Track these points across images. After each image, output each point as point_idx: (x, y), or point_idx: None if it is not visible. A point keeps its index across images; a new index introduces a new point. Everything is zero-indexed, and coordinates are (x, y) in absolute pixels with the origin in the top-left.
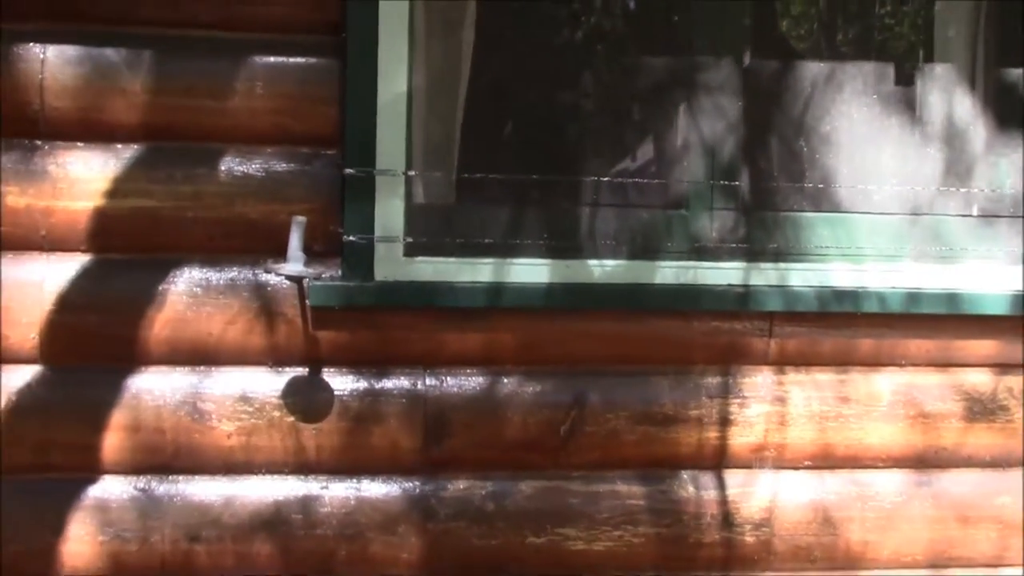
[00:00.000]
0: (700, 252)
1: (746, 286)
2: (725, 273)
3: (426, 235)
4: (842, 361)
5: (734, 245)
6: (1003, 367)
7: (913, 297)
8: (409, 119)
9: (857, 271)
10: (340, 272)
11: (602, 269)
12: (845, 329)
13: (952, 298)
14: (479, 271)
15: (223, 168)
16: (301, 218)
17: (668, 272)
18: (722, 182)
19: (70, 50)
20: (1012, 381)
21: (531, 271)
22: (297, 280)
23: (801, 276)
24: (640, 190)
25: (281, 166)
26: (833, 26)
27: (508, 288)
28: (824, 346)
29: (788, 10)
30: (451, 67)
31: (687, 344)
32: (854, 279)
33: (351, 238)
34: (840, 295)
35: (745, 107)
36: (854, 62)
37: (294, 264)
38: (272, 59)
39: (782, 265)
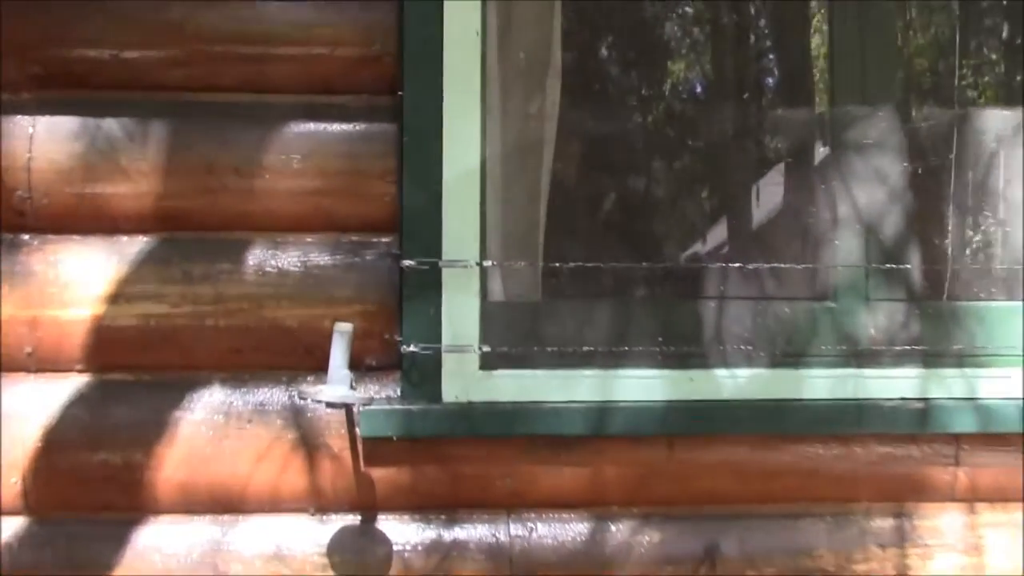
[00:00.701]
0: (861, 357)
1: (924, 400)
2: (895, 384)
3: (508, 343)
4: None
5: (905, 348)
6: None
7: None
8: (483, 197)
9: None
10: (399, 392)
11: (734, 381)
12: None
13: None
14: (576, 387)
15: (251, 263)
16: (346, 325)
17: (820, 384)
18: (883, 265)
19: (64, 122)
20: None
21: (643, 386)
22: (341, 407)
23: (996, 386)
24: (778, 278)
25: (324, 259)
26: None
27: (615, 409)
28: None
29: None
30: (535, 131)
31: (848, 477)
32: None
33: (412, 348)
34: None
35: (909, 169)
36: None
37: (337, 386)
38: (312, 126)
39: (970, 372)
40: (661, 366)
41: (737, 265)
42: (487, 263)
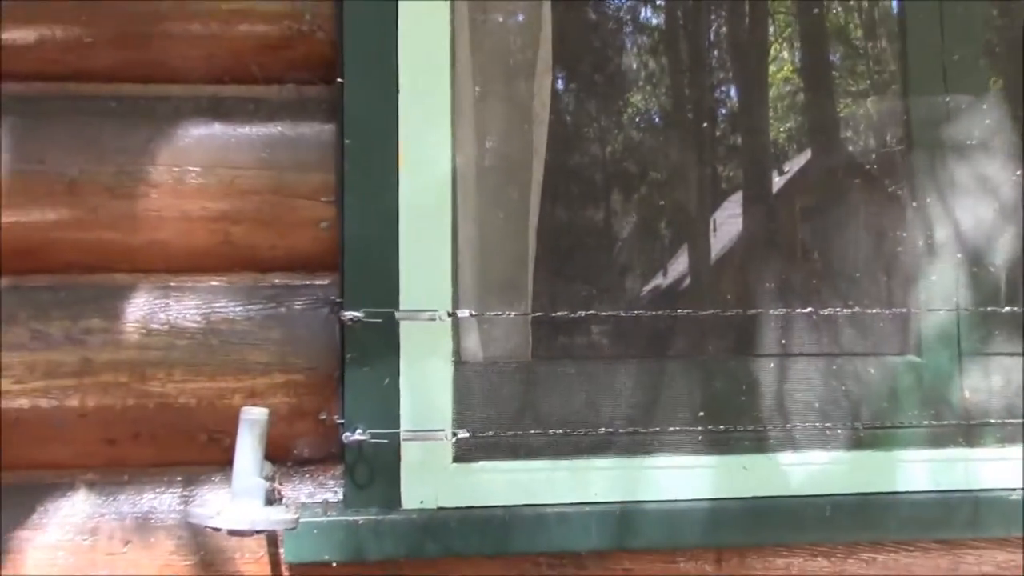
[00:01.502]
0: (970, 431)
1: None
2: (1017, 467)
3: (493, 424)
4: None
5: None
6: None
7: None
8: (455, 223)
9: None
10: (341, 496)
11: (803, 470)
12: None
13: None
14: (589, 483)
15: (132, 318)
16: (257, 412)
17: (918, 470)
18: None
19: None
20: None
21: (680, 479)
22: (251, 534)
23: None
24: (842, 328)
25: (234, 310)
26: None
27: (643, 512)
28: None
29: None
30: (521, 136)
31: None
32: None
33: (358, 434)
34: None
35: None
36: None
37: (244, 500)
38: (218, 128)
39: None
40: (704, 451)
41: (805, 311)
42: (461, 313)
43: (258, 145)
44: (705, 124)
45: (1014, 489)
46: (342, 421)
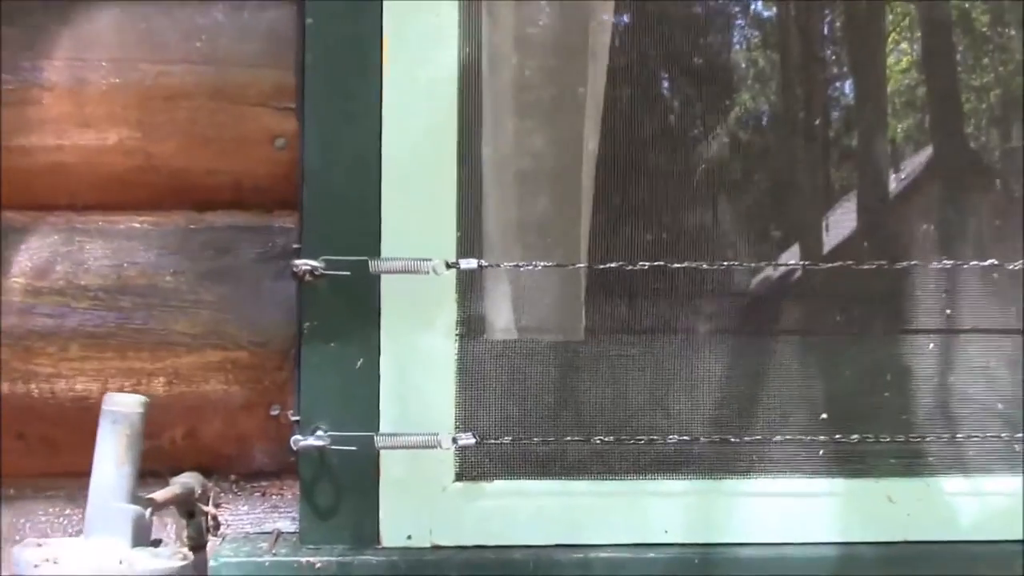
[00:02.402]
0: None
1: None
2: None
3: (511, 427)
4: None
5: None
6: None
7: None
8: (462, 142)
9: None
10: (297, 526)
11: (981, 503)
12: None
13: None
14: (650, 515)
15: (15, 271)
16: (126, 401)
17: None
18: None
19: None
20: None
21: (786, 512)
22: None
23: None
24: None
25: (154, 262)
26: None
27: (730, 561)
28: None
29: None
30: (576, 25)
31: None
32: None
33: (316, 439)
34: None
35: None
36: None
37: (100, 540)
38: (136, 8)
39: None
40: (828, 471)
41: (983, 263)
42: (466, 263)
43: (191, 31)
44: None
45: None
46: (297, 418)
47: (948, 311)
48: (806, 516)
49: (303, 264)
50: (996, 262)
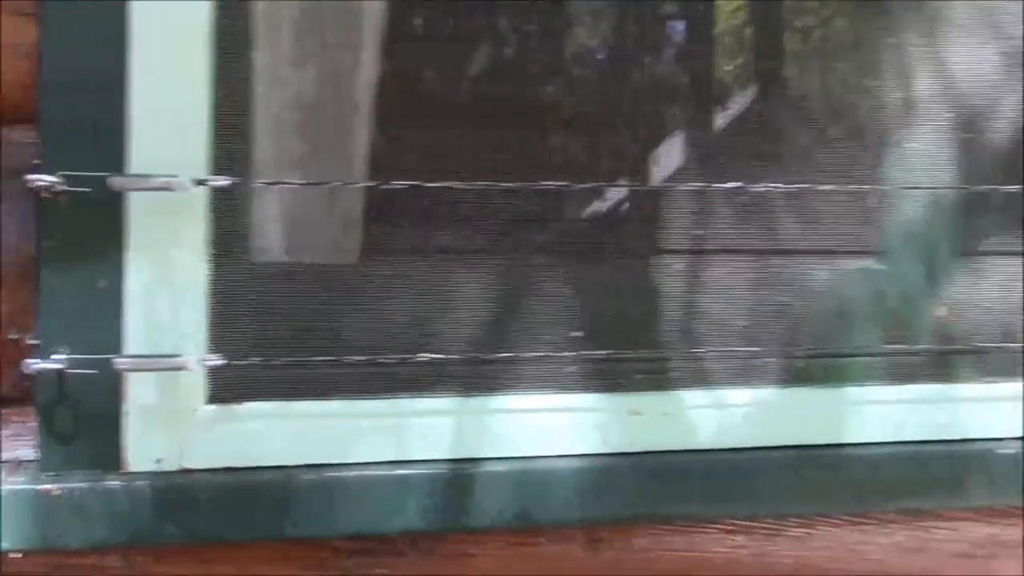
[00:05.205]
0: (947, 360)
1: None
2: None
3: (264, 348)
4: None
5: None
6: None
7: None
8: (219, 57)
9: None
10: (36, 454)
11: (718, 415)
12: None
13: None
14: (405, 434)
15: None
16: None
17: (876, 416)
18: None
19: None
20: None
21: (537, 428)
22: None
23: None
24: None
25: None
26: None
27: (483, 477)
28: None
29: None
30: None
31: None
32: None
33: (53, 362)
34: None
35: None
36: None
37: None
38: None
39: None
40: (576, 387)
41: (729, 185)
42: (216, 181)
43: None
44: None
45: (1005, 440)
46: (37, 342)
47: (699, 232)
48: (556, 431)
49: (40, 179)
50: (741, 184)
